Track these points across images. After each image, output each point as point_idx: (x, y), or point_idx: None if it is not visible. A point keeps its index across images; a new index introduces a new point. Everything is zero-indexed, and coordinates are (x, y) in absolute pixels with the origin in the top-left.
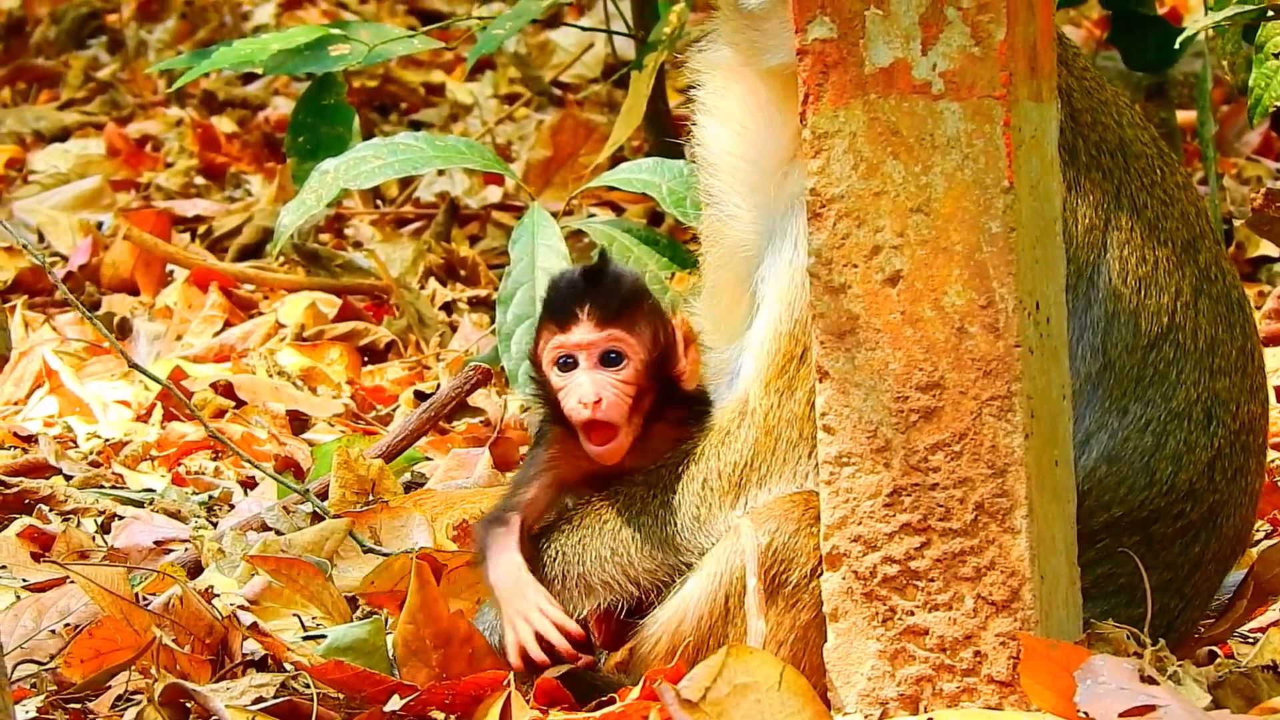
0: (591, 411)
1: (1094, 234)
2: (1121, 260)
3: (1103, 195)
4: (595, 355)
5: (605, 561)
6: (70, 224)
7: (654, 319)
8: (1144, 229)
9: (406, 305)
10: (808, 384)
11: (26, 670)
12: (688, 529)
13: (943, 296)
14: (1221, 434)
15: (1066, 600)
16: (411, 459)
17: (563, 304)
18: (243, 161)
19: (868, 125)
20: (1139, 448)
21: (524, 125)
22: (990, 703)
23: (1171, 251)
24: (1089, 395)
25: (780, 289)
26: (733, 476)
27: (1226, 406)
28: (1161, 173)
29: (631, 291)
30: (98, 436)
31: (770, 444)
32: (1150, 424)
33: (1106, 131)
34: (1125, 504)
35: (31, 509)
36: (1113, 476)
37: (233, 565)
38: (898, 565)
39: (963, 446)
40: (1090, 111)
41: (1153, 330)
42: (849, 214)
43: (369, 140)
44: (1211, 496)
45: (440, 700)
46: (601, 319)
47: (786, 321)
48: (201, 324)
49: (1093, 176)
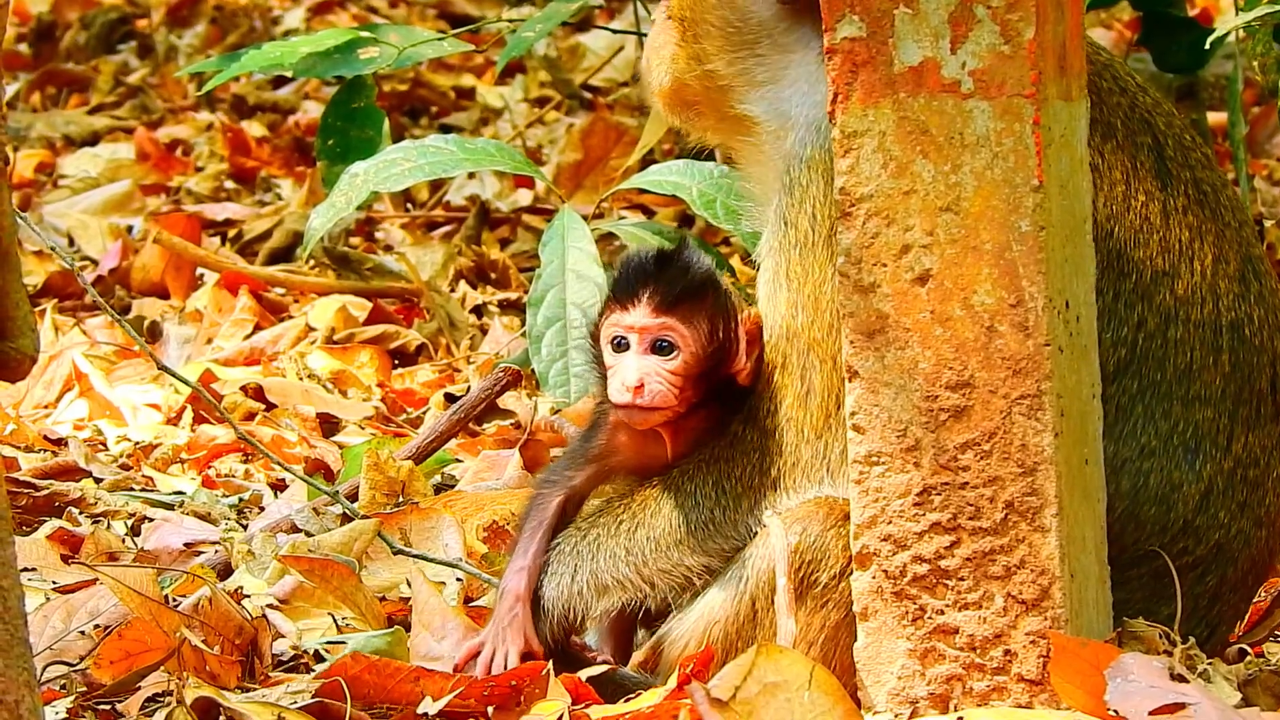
0: (632, 396)
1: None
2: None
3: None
4: (647, 341)
5: (619, 560)
6: (100, 228)
7: (716, 313)
8: (1100, 260)
9: (437, 308)
10: (795, 387)
11: (56, 671)
12: (704, 531)
13: (972, 295)
14: (1210, 468)
15: (1097, 599)
16: (441, 461)
17: (628, 283)
18: (273, 165)
19: (897, 124)
20: (1118, 490)
21: (554, 129)
22: (1020, 701)
23: (1136, 282)
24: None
25: (760, 300)
26: (745, 479)
27: (1213, 439)
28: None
29: (697, 282)
30: (128, 439)
31: (775, 445)
32: (1125, 464)
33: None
34: (1116, 545)
35: (61, 512)
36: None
37: (262, 567)
38: (928, 564)
39: (992, 445)
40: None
41: (1109, 364)
42: (878, 213)
43: (399, 143)
44: (1215, 533)
45: (478, 693)
46: (659, 305)
47: (765, 331)
48: (232, 327)
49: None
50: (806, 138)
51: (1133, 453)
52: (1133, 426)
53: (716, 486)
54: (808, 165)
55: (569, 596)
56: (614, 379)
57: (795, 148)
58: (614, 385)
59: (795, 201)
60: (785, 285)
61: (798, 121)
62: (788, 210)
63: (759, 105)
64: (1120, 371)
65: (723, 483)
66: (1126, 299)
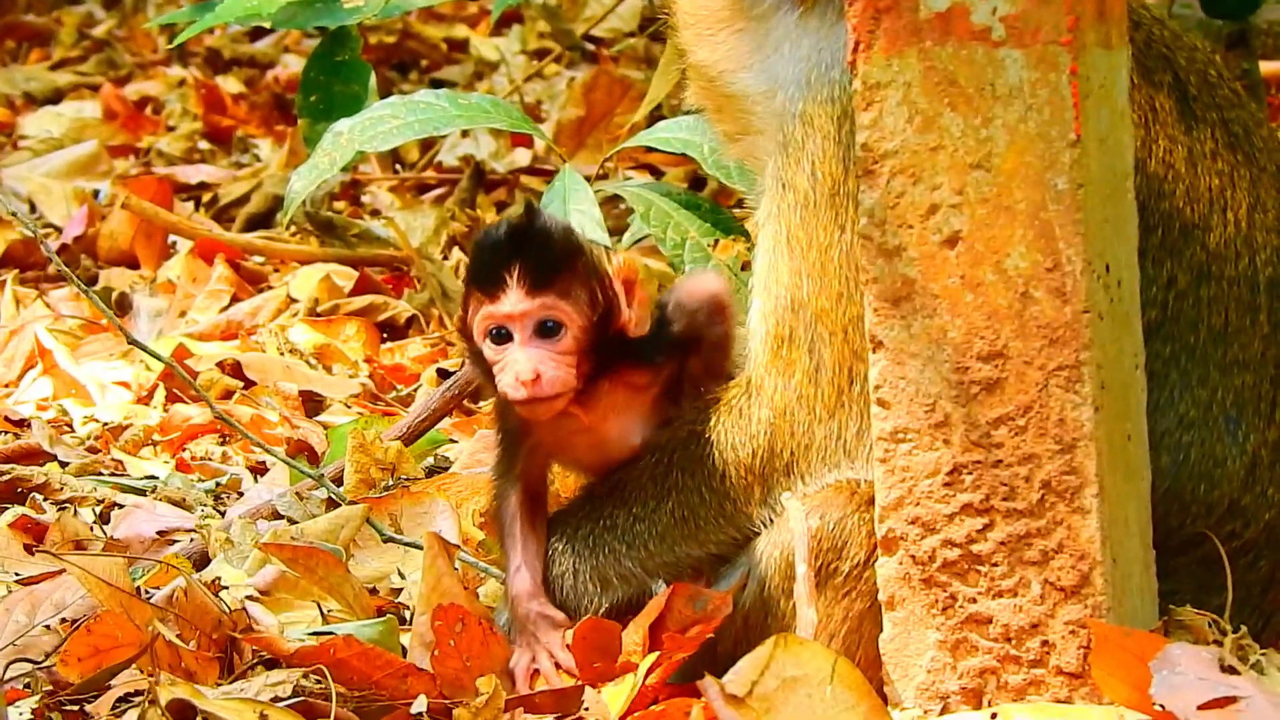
0: (529, 391)
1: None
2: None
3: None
4: (529, 326)
5: (621, 556)
6: (64, 192)
7: (590, 275)
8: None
9: (428, 277)
10: (803, 363)
11: (20, 669)
12: (713, 524)
13: (1005, 259)
14: (1254, 440)
15: (1141, 585)
16: (434, 441)
17: (490, 269)
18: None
19: (923, 75)
20: (1158, 467)
21: (554, 83)
22: (1059, 696)
23: (1164, 237)
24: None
25: (759, 270)
26: (754, 465)
27: (1255, 406)
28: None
29: (562, 249)
30: (95, 420)
31: (787, 425)
32: (1164, 437)
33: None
34: (1161, 530)
35: (24, 498)
36: None
37: (242, 556)
38: (958, 549)
39: (1028, 420)
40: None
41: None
42: (903, 171)
43: (386, 99)
44: (1266, 513)
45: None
46: (533, 285)
47: (768, 304)
48: (207, 299)
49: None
50: (796, 94)
51: (1171, 424)
52: (1169, 395)
53: (723, 475)
54: (801, 120)
55: (572, 596)
56: (504, 375)
57: (786, 104)
58: (506, 382)
59: (791, 161)
60: (787, 253)
61: (785, 80)
62: (784, 170)
63: (750, 78)
64: (1151, 334)
65: (729, 470)
66: (1154, 255)
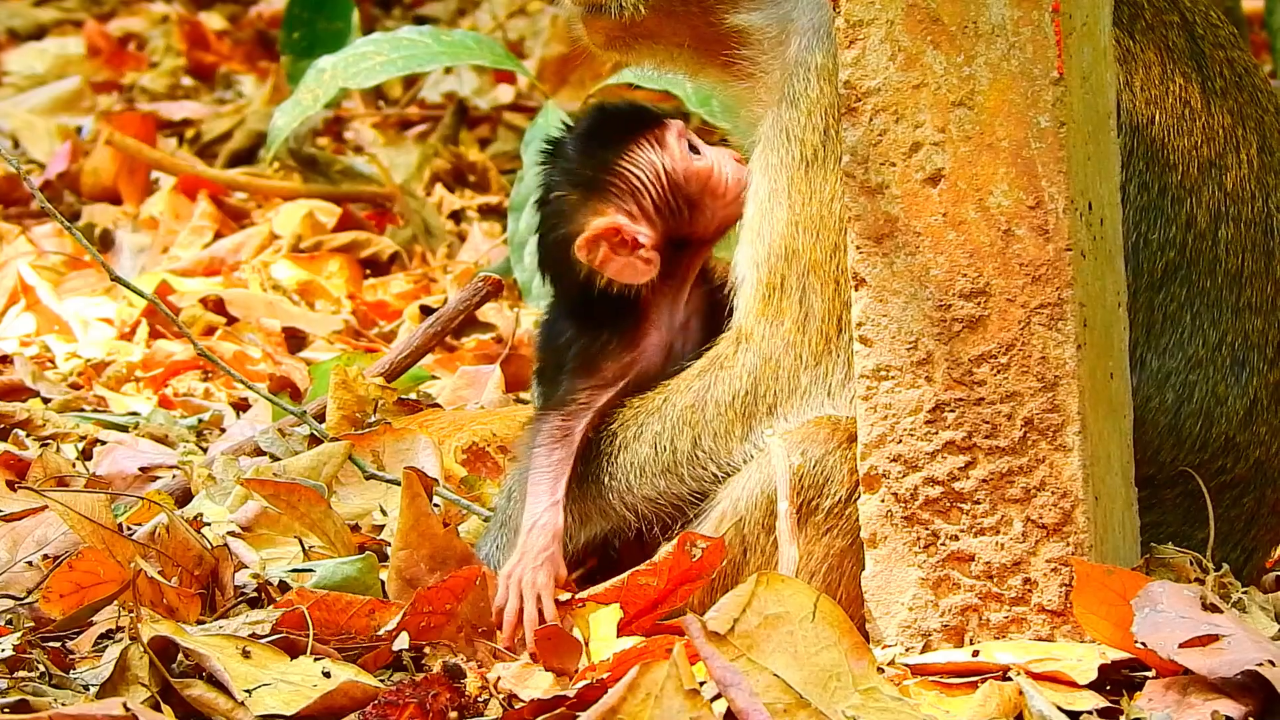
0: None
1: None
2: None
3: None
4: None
5: (604, 488)
6: (47, 128)
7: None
8: (1143, 151)
9: (411, 213)
10: (793, 311)
11: (2, 605)
12: (692, 459)
13: (988, 197)
14: (1255, 381)
15: (1123, 523)
16: (417, 378)
17: (651, 114)
18: (233, 60)
19: (906, 12)
20: (1161, 404)
21: (537, 19)
22: (1041, 634)
23: (1183, 175)
24: None
25: (751, 216)
26: (735, 404)
27: (1260, 350)
28: (1184, 79)
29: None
30: (78, 356)
31: (772, 370)
32: (1170, 377)
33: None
34: (1153, 464)
35: (6, 434)
36: (1136, 439)
37: (224, 493)
38: (940, 486)
39: (1010, 358)
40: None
41: (1157, 268)
42: (886, 108)
43: (370, 36)
44: (1256, 450)
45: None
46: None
47: (760, 251)
48: (190, 235)
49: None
50: (814, 43)
51: (1179, 364)
52: (1180, 337)
53: (704, 411)
54: (817, 74)
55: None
56: (725, 166)
57: (800, 53)
58: (729, 171)
59: (802, 114)
60: (786, 203)
61: (802, 26)
62: (791, 123)
63: (757, 14)
64: (1169, 276)
65: (710, 408)
66: (1174, 194)
